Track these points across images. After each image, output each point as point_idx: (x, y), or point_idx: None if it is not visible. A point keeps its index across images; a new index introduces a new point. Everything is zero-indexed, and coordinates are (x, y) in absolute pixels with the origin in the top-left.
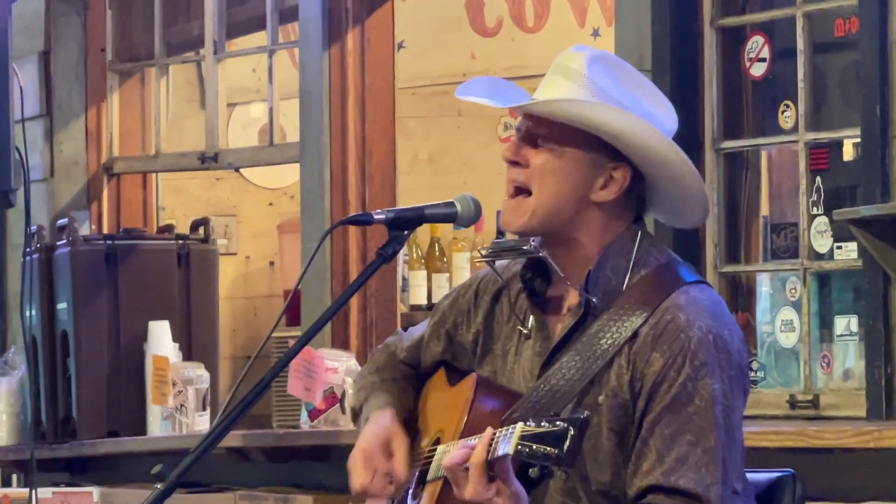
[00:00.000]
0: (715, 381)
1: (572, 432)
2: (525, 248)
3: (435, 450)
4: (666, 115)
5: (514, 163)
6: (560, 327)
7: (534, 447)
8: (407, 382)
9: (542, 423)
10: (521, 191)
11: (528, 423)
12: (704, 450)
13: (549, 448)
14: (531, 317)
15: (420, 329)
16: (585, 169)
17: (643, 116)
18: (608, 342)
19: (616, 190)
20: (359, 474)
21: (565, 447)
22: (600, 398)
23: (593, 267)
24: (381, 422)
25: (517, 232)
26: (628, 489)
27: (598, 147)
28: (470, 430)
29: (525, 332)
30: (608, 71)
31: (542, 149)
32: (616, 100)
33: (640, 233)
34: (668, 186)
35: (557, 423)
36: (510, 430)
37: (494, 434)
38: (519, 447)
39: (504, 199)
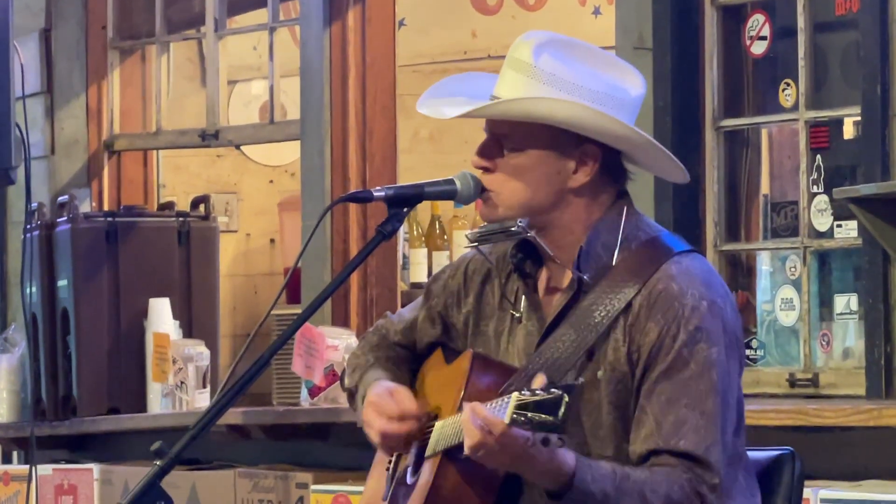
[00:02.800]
0: (711, 345)
1: (566, 399)
2: (513, 229)
3: (433, 426)
4: (632, 83)
5: (482, 167)
6: (553, 307)
7: (529, 415)
8: (402, 362)
9: (537, 392)
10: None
11: (522, 392)
12: (702, 412)
13: (545, 416)
14: (523, 297)
15: (411, 310)
16: (553, 160)
17: (604, 88)
18: (601, 314)
19: (590, 171)
20: (373, 424)
21: (560, 414)
22: (599, 373)
23: (584, 244)
24: (382, 384)
25: (495, 222)
26: (631, 458)
27: (560, 134)
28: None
29: (517, 315)
30: (558, 54)
31: (506, 150)
32: (570, 82)
33: (626, 208)
34: (636, 155)
35: (552, 390)
36: (505, 399)
37: (489, 405)
38: (515, 415)
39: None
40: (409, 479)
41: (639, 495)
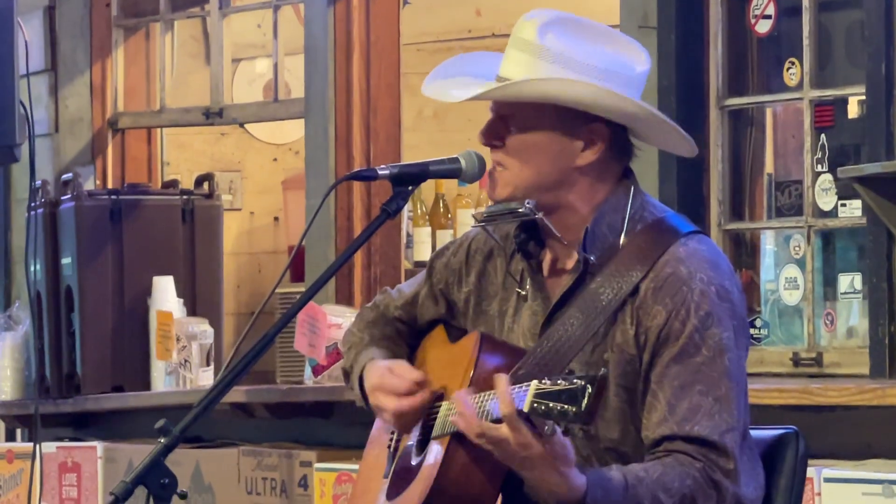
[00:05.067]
0: (722, 329)
1: (590, 390)
2: (521, 210)
3: (439, 406)
4: (636, 59)
5: (489, 144)
6: (559, 287)
7: (550, 405)
8: (399, 338)
9: (558, 381)
10: (502, 166)
11: (542, 381)
12: (716, 398)
13: (566, 406)
14: (528, 278)
15: (413, 285)
16: (561, 139)
17: (610, 66)
18: (609, 297)
19: (598, 150)
20: (386, 406)
21: (583, 404)
22: (606, 355)
23: (590, 224)
24: (378, 365)
25: (501, 201)
26: (643, 443)
27: (569, 114)
28: (475, 386)
29: (523, 293)
30: (562, 32)
31: (514, 130)
32: (576, 60)
33: (632, 188)
34: (644, 131)
35: (574, 380)
36: (523, 387)
37: (510, 389)
38: (535, 404)
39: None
40: (413, 460)
41: (651, 499)
